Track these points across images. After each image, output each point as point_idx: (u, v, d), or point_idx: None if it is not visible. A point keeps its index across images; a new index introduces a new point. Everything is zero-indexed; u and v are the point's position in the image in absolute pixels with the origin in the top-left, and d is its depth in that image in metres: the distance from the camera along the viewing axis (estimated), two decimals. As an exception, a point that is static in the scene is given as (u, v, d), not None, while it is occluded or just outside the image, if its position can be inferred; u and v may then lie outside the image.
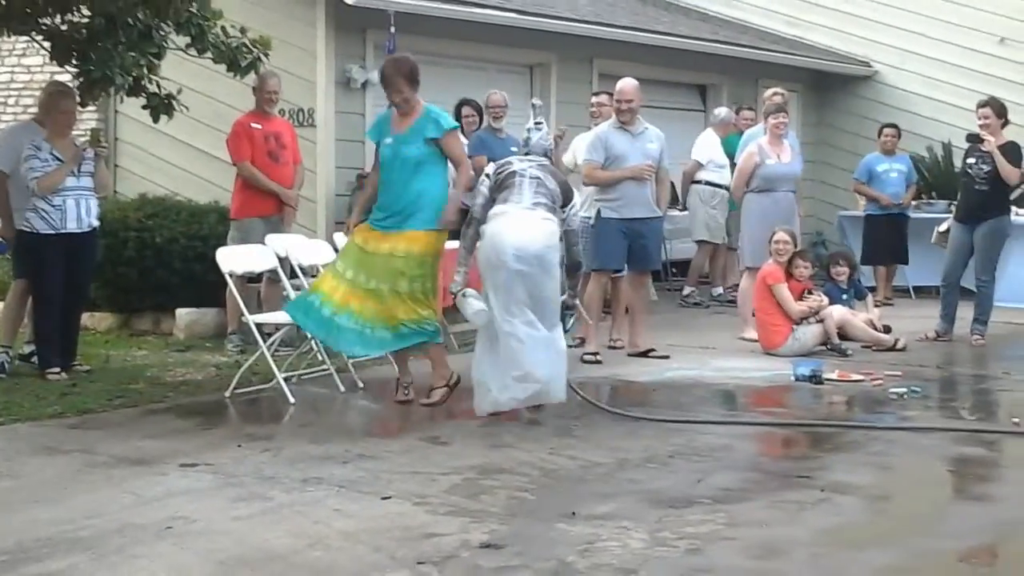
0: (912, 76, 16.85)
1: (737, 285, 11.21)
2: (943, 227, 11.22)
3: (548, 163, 7.59)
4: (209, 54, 8.50)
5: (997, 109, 10.35)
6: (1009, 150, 10.20)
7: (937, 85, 16.54)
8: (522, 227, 7.06)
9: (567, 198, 7.40)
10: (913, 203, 14.02)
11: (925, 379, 8.49)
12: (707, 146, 13.07)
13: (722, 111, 13.56)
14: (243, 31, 8.64)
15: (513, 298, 6.97)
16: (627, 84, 9.57)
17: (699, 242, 13.06)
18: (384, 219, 7.45)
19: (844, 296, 10.40)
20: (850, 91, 17.26)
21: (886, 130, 13.84)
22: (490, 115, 10.99)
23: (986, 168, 10.19)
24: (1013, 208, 11.58)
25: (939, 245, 11.44)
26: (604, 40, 13.81)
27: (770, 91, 12.14)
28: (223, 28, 8.48)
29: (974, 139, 10.44)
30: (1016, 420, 7.10)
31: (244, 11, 9.84)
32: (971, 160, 10.38)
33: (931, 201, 14.32)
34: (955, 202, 13.82)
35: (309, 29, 11.31)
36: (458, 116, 11.42)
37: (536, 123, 7.79)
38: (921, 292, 13.63)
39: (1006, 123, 10.40)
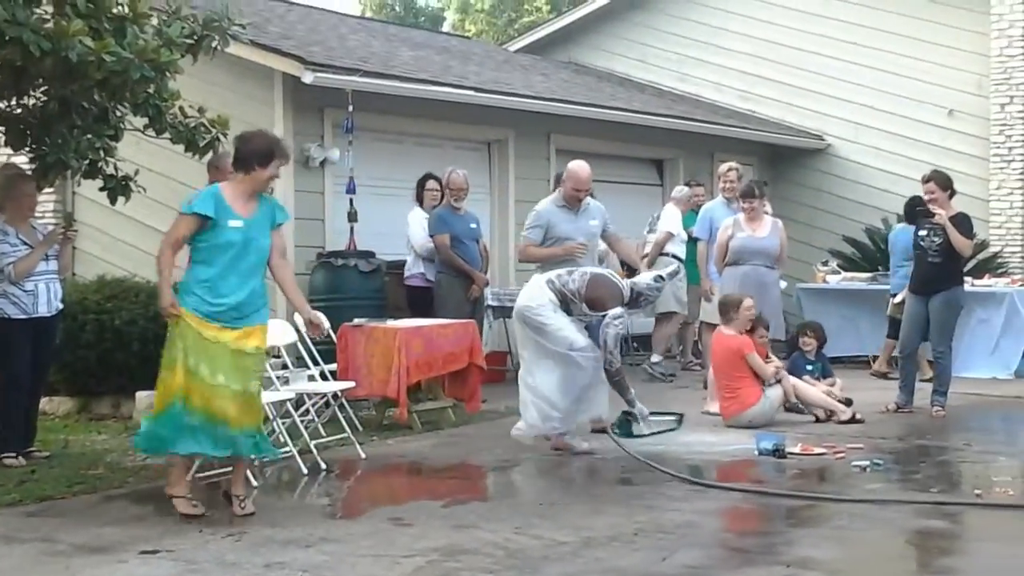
0: (865, 149, 17.14)
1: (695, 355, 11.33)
2: (898, 298, 11.33)
3: (610, 279, 8.72)
4: (167, 134, 8.50)
5: (941, 182, 10.45)
6: (960, 222, 10.31)
7: (889, 157, 16.83)
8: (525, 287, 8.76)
9: (592, 305, 8.44)
10: (870, 275, 14.18)
11: (887, 451, 8.51)
12: (673, 219, 13.17)
13: (684, 190, 13.70)
14: (201, 111, 8.66)
15: (520, 343, 8.77)
16: (583, 171, 9.33)
17: (666, 313, 13.10)
18: (227, 310, 6.67)
19: (809, 367, 10.46)
20: (804, 164, 17.51)
21: None
22: (452, 196, 11.05)
23: (938, 240, 10.30)
24: (968, 278, 11.74)
25: (895, 316, 11.54)
26: (561, 116, 13.96)
27: (725, 166, 12.27)
28: (181, 108, 8.50)
29: (925, 213, 10.51)
30: (979, 492, 7.14)
31: (201, 91, 9.86)
32: (923, 232, 10.49)
33: (886, 273, 14.43)
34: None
35: (267, 108, 11.38)
36: (422, 189, 11.49)
37: (659, 276, 8.93)
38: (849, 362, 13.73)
39: (952, 194, 10.52)
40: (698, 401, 10.69)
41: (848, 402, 10.08)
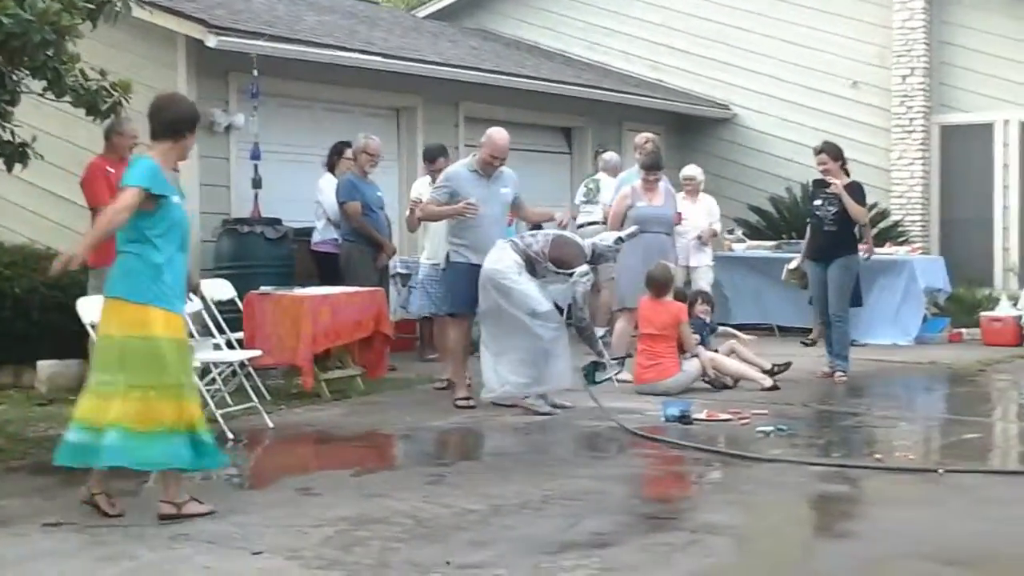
0: (770, 119, 17.31)
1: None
2: (792, 264, 11.54)
3: (573, 238, 9.18)
4: (67, 98, 8.31)
5: (833, 153, 10.74)
6: (854, 190, 10.56)
7: (794, 127, 17.00)
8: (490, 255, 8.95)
9: (558, 263, 8.82)
10: (774, 243, 14.35)
11: (791, 417, 8.64)
12: (613, 186, 13.06)
13: (613, 156, 13.63)
14: (103, 74, 8.47)
15: (482, 311, 9.00)
16: (502, 139, 9.45)
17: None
18: (179, 296, 6.18)
19: (704, 332, 10.59)
20: (711, 133, 17.64)
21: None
22: (368, 161, 10.89)
23: (833, 210, 10.54)
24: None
25: (788, 283, 11.75)
26: (470, 84, 13.90)
27: (642, 137, 12.19)
28: (82, 71, 8.30)
29: (822, 184, 10.76)
30: (879, 456, 7.29)
31: (103, 54, 9.63)
32: (818, 202, 10.74)
33: (791, 241, 14.63)
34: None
35: (170, 72, 11.17)
36: (339, 156, 11.33)
37: (620, 238, 9.32)
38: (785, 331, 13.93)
39: (844, 163, 10.76)
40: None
41: (785, 366, 10.26)
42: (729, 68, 17.56)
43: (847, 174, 10.77)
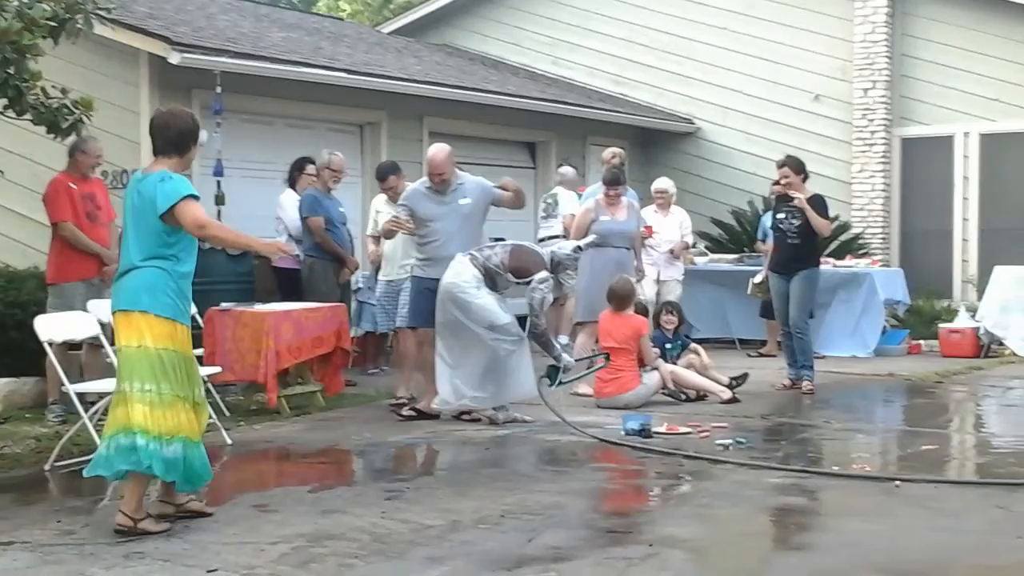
0: (733, 132, 17.43)
1: None
2: (757, 278, 11.63)
3: (532, 248, 9.31)
4: (28, 116, 8.28)
5: (795, 166, 10.85)
6: (816, 203, 10.64)
7: (757, 141, 17.14)
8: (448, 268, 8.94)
9: (517, 273, 8.86)
10: (736, 256, 14.42)
11: (750, 430, 8.68)
12: (573, 201, 13.07)
13: (570, 171, 13.67)
14: (64, 92, 8.44)
15: (439, 324, 8.93)
16: (438, 155, 9.43)
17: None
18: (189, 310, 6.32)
19: (668, 346, 10.63)
20: (674, 147, 17.73)
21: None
22: (332, 177, 10.90)
23: (796, 222, 10.63)
24: (830, 259, 12.03)
25: (755, 295, 11.82)
26: (434, 99, 13.92)
27: (608, 152, 12.23)
28: (43, 89, 8.28)
29: (784, 198, 10.84)
30: (836, 468, 7.34)
31: (65, 71, 9.61)
32: (781, 215, 10.82)
33: (753, 254, 14.72)
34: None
35: (132, 89, 11.17)
36: (301, 172, 11.32)
37: (579, 247, 9.44)
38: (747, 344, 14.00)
39: (806, 177, 10.89)
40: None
41: (742, 379, 10.30)
42: (693, 82, 17.67)
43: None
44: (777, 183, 11.16)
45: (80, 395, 7.80)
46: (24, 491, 7.04)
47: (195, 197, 6.06)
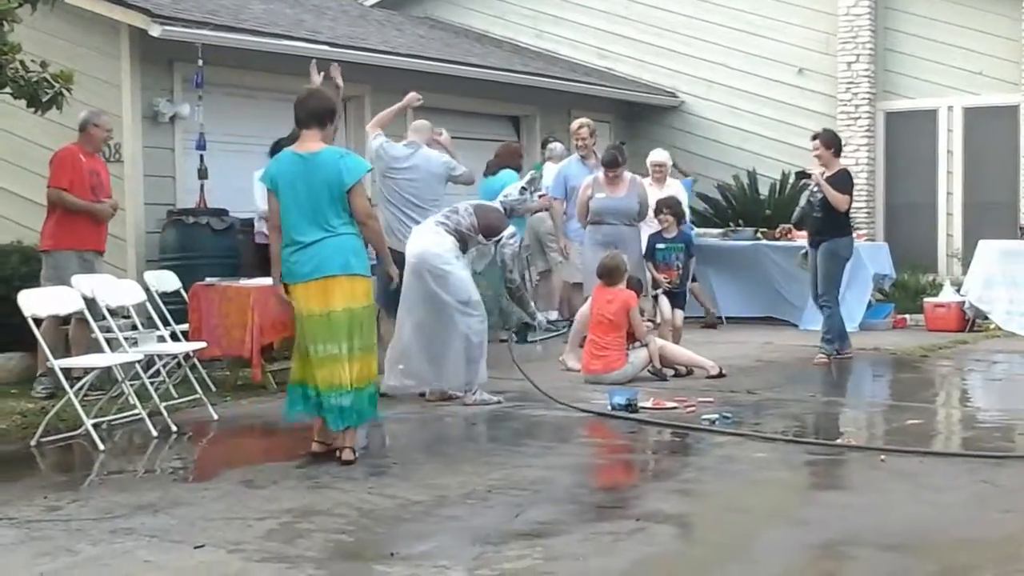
0: (717, 106, 17.38)
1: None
2: (803, 252, 11.72)
3: (489, 204, 9.12)
4: (8, 89, 8.21)
5: (827, 140, 11.05)
6: (838, 179, 10.82)
7: (741, 115, 17.12)
8: (416, 237, 8.76)
9: (488, 232, 8.80)
10: (722, 231, 14.41)
11: (736, 404, 8.69)
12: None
13: (558, 146, 13.64)
14: (44, 65, 8.37)
15: (408, 298, 8.64)
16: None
17: (543, 272, 13.18)
18: None
19: (662, 246, 11.01)
20: (659, 121, 17.68)
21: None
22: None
23: (820, 195, 10.83)
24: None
25: (801, 267, 11.95)
26: (417, 72, 13.84)
27: (576, 123, 12.24)
28: (22, 62, 8.21)
29: (803, 175, 10.98)
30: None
31: (45, 44, 9.55)
32: (813, 188, 10.94)
33: (737, 228, 14.72)
34: (762, 229, 14.43)
35: (113, 62, 11.07)
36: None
37: (523, 187, 9.38)
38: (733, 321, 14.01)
39: (838, 151, 11.07)
40: (555, 358, 10.77)
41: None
42: (676, 56, 17.62)
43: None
44: (803, 174, 11.25)
45: (67, 370, 7.76)
46: (9, 467, 7.02)
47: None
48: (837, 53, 16.48)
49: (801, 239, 13.99)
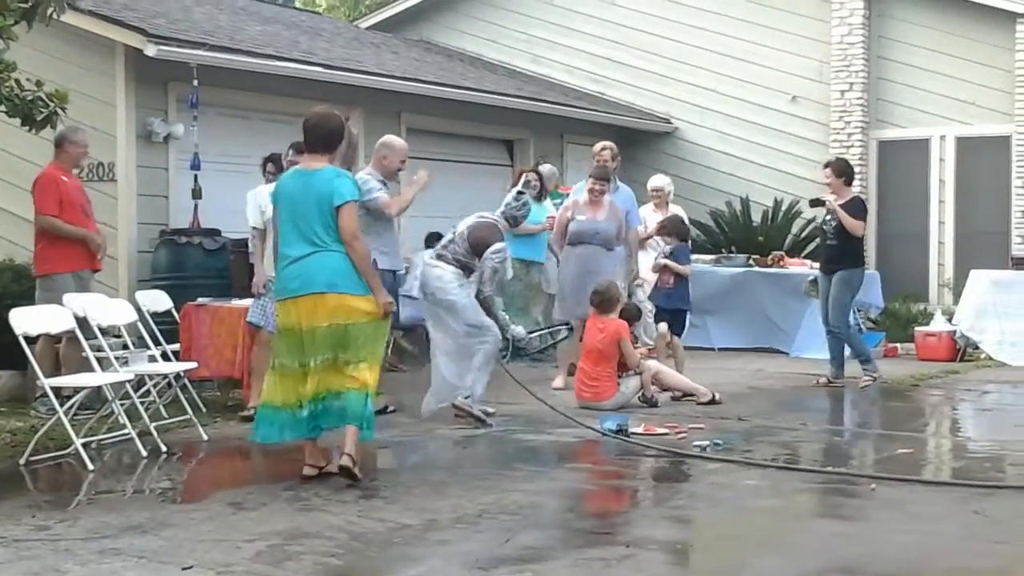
0: (710, 132, 17.44)
1: None
2: (811, 277, 11.79)
3: (485, 219, 9.20)
4: (2, 107, 8.21)
5: (838, 169, 11.26)
6: (852, 205, 11.01)
7: (734, 141, 17.17)
8: (423, 272, 9.19)
9: (477, 247, 9.01)
10: (714, 257, 14.43)
11: (727, 431, 8.68)
12: (548, 202, 13.05)
13: (546, 167, 13.63)
14: (39, 84, 8.37)
15: (432, 331, 9.18)
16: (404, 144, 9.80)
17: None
18: None
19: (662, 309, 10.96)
20: (652, 147, 17.72)
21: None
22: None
23: (834, 224, 10.98)
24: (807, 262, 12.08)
25: (809, 294, 11.96)
26: (411, 95, 13.88)
27: (599, 145, 12.05)
28: (17, 81, 8.21)
29: (817, 203, 11.09)
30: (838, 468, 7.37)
31: (40, 63, 9.57)
32: (828, 217, 11.14)
33: (730, 255, 14.74)
34: (754, 255, 14.46)
35: (108, 81, 11.09)
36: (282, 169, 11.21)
37: (519, 192, 9.55)
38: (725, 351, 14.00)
39: (849, 180, 11.27)
40: (543, 379, 10.76)
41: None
42: (670, 81, 17.68)
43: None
44: (817, 202, 11.34)
45: (57, 389, 7.74)
46: (-3, 486, 7.00)
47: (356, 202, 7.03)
48: (830, 81, 16.54)
49: (794, 266, 14.12)
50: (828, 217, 11.07)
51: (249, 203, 9.89)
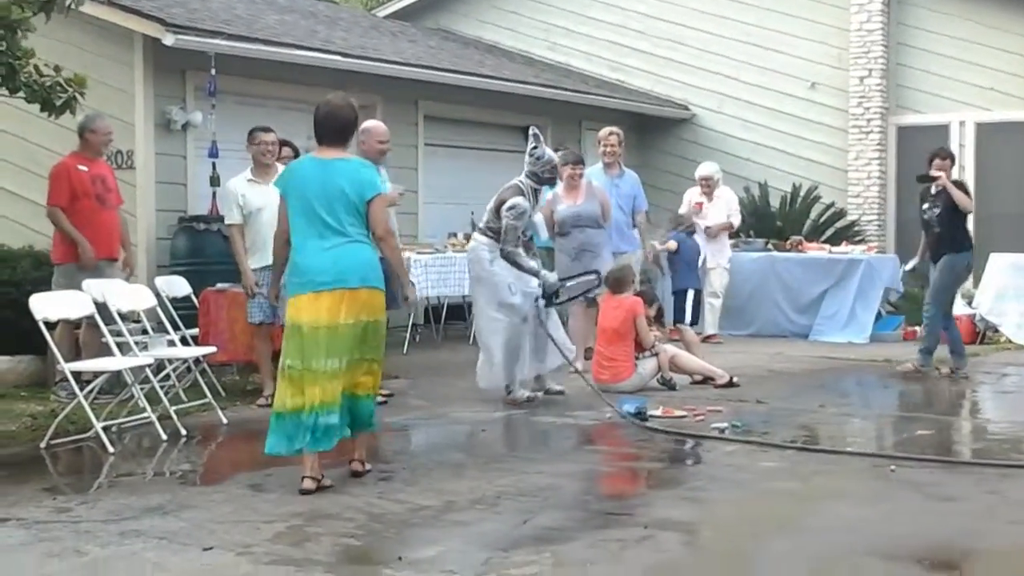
0: (729, 119, 17.40)
1: None
2: (908, 266, 11.71)
3: (506, 185, 9.39)
4: (21, 93, 8.23)
5: (950, 154, 11.36)
6: (959, 185, 11.03)
7: (753, 128, 17.14)
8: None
9: (498, 207, 9.22)
10: (732, 241, 14.38)
11: (746, 414, 8.68)
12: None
13: (553, 156, 13.59)
14: (57, 69, 8.38)
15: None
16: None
17: None
18: None
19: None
20: (670, 133, 17.70)
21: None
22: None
23: (937, 211, 10.86)
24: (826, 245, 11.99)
25: (906, 280, 11.89)
26: (429, 83, 13.89)
27: (605, 130, 12.05)
28: (36, 67, 8.23)
29: (924, 179, 10.99)
30: (893, 468, 7.35)
31: (59, 52, 9.58)
32: (925, 206, 11.01)
33: (749, 240, 14.72)
34: (773, 240, 14.43)
35: (126, 70, 11.13)
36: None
37: (532, 148, 9.47)
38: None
39: (952, 164, 11.28)
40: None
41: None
42: (688, 69, 17.65)
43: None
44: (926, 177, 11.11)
45: (77, 374, 7.78)
46: (19, 469, 7.03)
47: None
48: (849, 68, 16.49)
49: (812, 251, 14.09)
50: (926, 207, 10.93)
51: (226, 197, 9.54)
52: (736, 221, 13.68)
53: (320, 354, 6.31)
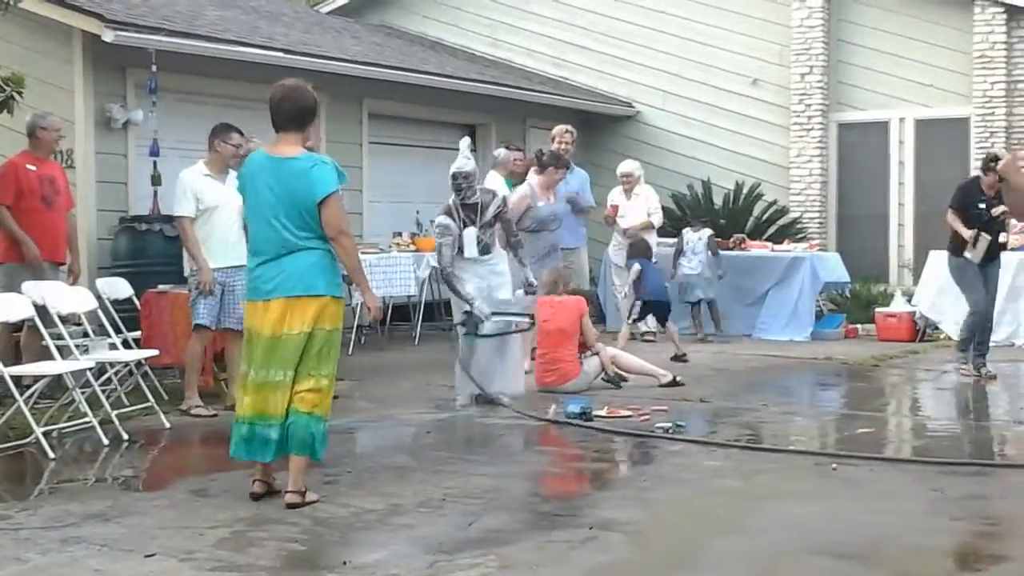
0: (672, 116, 17.47)
1: None
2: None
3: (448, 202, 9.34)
4: (-42, 94, 8.14)
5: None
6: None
7: (695, 125, 17.22)
8: None
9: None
10: (674, 240, 14.46)
11: (690, 412, 8.73)
12: (497, 183, 13.04)
13: (501, 152, 13.60)
14: (-6, 69, 8.31)
15: None
16: None
17: None
18: None
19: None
20: (614, 131, 17.74)
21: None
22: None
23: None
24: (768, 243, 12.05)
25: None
26: (373, 80, 13.84)
27: (561, 128, 12.11)
28: (-27, 66, 8.14)
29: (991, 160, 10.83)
30: (835, 467, 7.40)
31: (-4, 49, 9.48)
32: (981, 205, 10.75)
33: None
34: (716, 237, 14.48)
35: (66, 67, 11.02)
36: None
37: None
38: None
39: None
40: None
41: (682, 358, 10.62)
42: (632, 66, 17.70)
43: None
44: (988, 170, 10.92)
45: (16, 378, 7.68)
46: (-44, 476, 6.94)
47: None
48: (791, 65, 16.60)
49: (755, 248, 14.18)
50: (984, 206, 10.73)
51: (180, 188, 9.15)
52: (657, 220, 13.70)
53: (256, 363, 6.09)
